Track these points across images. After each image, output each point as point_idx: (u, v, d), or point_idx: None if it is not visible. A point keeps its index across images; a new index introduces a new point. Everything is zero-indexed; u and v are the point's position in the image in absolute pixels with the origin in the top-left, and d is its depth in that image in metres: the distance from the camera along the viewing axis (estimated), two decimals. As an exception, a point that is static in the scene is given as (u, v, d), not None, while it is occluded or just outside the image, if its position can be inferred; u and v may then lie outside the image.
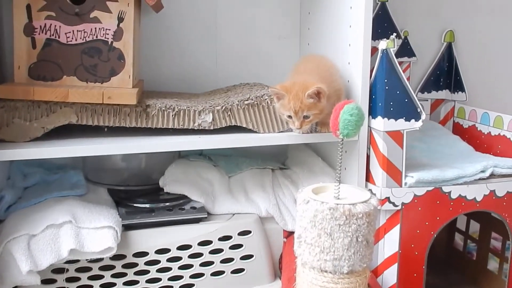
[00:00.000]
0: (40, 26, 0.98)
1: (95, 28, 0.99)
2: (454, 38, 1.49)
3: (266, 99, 1.06)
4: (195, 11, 1.30)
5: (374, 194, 1.08)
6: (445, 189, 1.11)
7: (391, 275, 1.12)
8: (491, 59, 1.58)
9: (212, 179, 1.18)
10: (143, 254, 1.01)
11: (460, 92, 1.47)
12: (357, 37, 1.07)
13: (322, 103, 1.02)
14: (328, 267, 0.86)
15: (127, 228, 1.02)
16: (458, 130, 1.45)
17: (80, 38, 0.99)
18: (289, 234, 1.12)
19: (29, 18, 0.98)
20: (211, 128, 1.04)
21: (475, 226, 1.38)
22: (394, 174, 1.08)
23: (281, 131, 1.07)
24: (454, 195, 1.12)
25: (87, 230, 0.97)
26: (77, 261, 0.96)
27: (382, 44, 1.06)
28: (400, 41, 1.45)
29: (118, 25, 1.00)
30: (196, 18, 1.30)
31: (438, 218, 1.12)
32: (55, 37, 0.99)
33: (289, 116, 1.03)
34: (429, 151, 1.29)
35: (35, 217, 0.97)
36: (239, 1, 1.32)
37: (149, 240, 1.02)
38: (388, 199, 1.08)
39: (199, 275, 1.05)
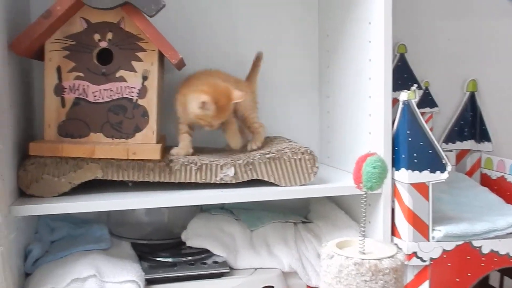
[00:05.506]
0: (69, 86, 1.02)
1: (121, 86, 1.03)
2: (477, 87, 1.49)
3: (287, 152, 1.06)
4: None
5: (400, 249, 1.05)
6: (476, 243, 1.08)
7: (421, 333, 1.08)
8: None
9: (234, 233, 1.17)
10: (166, 309, 1.00)
11: (486, 142, 1.45)
12: (378, 89, 1.08)
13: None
14: (354, 325, 0.83)
15: (149, 282, 1.01)
16: (486, 181, 1.41)
17: (107, 96, 1.03)
18: (313, 290, 1.10)
19: (59, 79, 1.02)
20: (233, 182, 1.05)
21: (509, 283, 1.33)
22: (421, 227, 1.06)
23: (303, 184, 1.07)
24: (485, 250, 1.08)
25: (111, 284, 0.97)
26: (101, 315, 0.96)
27: (403, 96, 1.06)
28: (421, 91, 1.45)
29: (142, 83, 1.03)
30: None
31: (469, 274, 1.08)
32: (83, 96, 1.02)
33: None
34: (456, 203, 1.26)
35: (61, 271, 0.98)
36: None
37: (171, 295, 1.01)
38: (415, 254, 1.06)
39: (221, 332, 1.03)
